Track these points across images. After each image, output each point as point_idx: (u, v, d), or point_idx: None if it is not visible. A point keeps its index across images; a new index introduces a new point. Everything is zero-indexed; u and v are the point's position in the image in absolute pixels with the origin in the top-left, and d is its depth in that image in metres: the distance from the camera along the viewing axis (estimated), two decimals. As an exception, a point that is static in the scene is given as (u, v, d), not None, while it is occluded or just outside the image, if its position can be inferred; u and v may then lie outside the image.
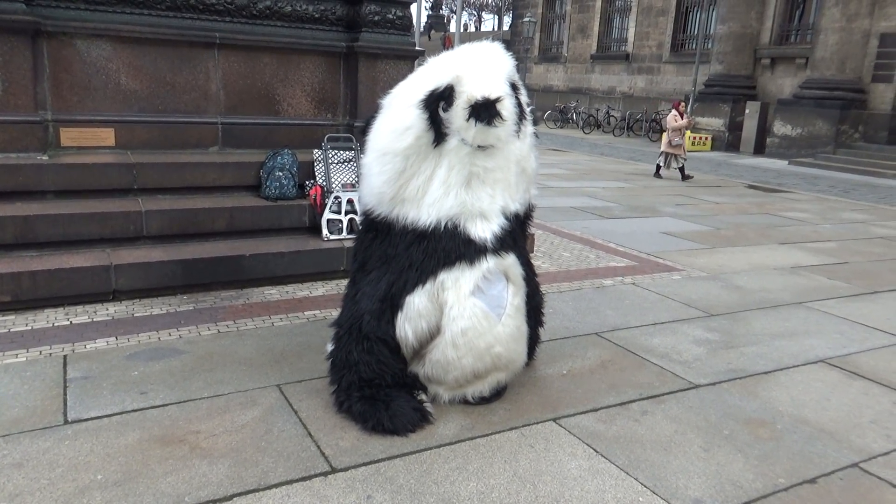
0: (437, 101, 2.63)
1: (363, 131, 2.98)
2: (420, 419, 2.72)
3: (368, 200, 2.85)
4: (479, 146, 2.67)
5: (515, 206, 2.88)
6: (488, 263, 2.74)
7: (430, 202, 2.70)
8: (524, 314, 2.91)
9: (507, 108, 2.62)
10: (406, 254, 2.73)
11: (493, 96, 2.56)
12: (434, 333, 2.73)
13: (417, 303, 2.70)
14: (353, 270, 2.97)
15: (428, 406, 2.80)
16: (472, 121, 2.57)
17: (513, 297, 2.81)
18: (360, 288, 2.83)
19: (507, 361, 2.84)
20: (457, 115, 2.61)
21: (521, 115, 2.76)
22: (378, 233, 2.83)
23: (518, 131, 2.77)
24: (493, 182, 2.76)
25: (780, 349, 3.82)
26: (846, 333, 4.16)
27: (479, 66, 2.69)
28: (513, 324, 2.80)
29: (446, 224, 2.71)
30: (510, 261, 2.82)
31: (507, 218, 2.82)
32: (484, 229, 2.75)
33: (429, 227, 2.70)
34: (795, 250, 6.50)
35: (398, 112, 2.74)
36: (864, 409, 3.14)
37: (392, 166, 2.71)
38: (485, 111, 2.55)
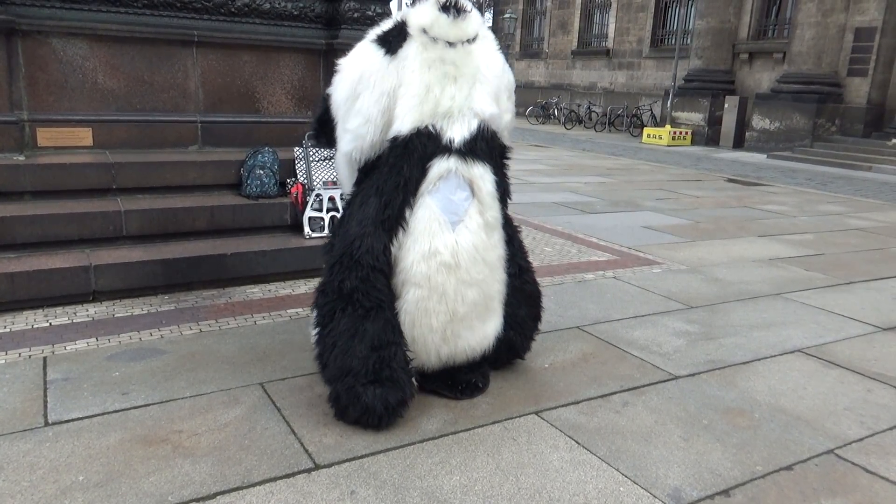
0: (389, 33, 2.76)
1: (319, 124, 3.01)
2: (388, 418, 2.64)
3: (361, 155, 2.78)
4: (450, 42, 2.71)
5: (496, 118, 2.82)
6: (448, 163, 2.69)
7: (407, 109, 2.67)
8: (497, 244, 2.83)
9: (468, 6, 2.77)
10: (395, 169, 2.66)
11: None
12: None
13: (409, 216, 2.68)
14: (344, 209, 2.90)
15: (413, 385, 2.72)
16: (443, 14, 2.69)
17: (478, 215, 2.72)
18: (351, 212, 2.76)
19: (457, 294, 2.67)
20: (424, 14, 2.72)
21: None
22: (373, 169, 2.76)
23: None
24: (467, 79, 2.74)
25: (758, 340, 3.88)
26: (822, 323, 4.23)
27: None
28: (471, 240, 2.69)
29: (426, 127, 2.66)
30: (478, 171, 2.74)
31: (484, 130, 2.77)
32: (454, 130, 2.71)
33: (410, 132, 2.65)
34: (773, 242, 6.59)
35: (361, 65, 2.78)
36: (840, 397, 3.21)
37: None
38: (453, 4, 2.71)
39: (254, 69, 5.09)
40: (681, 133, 18.48)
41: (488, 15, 30.34)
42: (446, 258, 2.64)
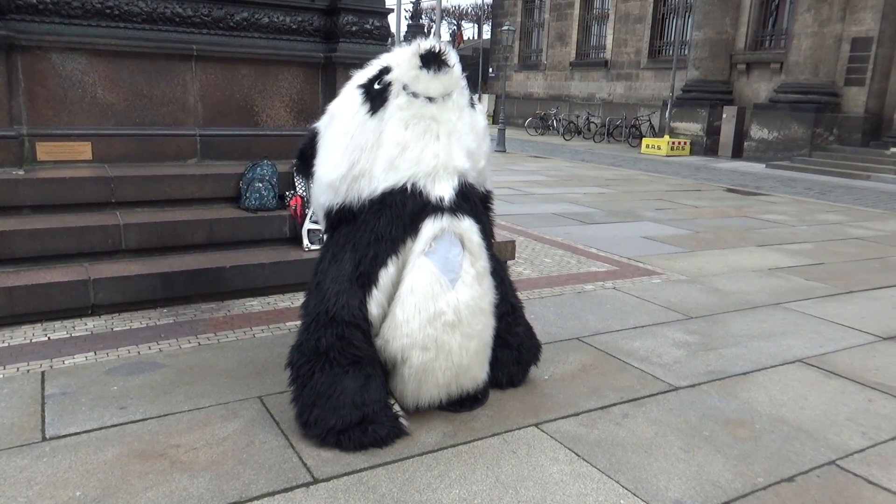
0: (373, 81, 2.77)
1: (303, 158, 3.02)
2: (370, 443, 2.62)
3: (327, 200, 2.79)
4: (430, 97, 2.72)
5: (472, 170, 2.84)
6: (441, 222, 2.68)
7: (385, 167, 2.67)
8: (489, 290, 2.83)
9: (452, 58, 2.77)
10: (371, 226, 2.66)
11: (437, 48, 2.74)
12: None
13: (392, 275, 2.66)
14: (315, 265, 2.89)
15: (402, 419, 2.73)
16: (423, 70, 2.70)
17: (470, 266, 2.73)
18: (324, 268, 2.74)
19: (462, 349, 2.67)
20: (405, 69, 2.72)
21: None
22: (343, 223, 2.77)
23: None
24: (447, 135, 2.75)
25: (758, 350, 3.87)
26: (823, 333, 4.22)
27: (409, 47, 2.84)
28: (469, 293, 2.70)
29: (405, 186, 2.66)
30: (466, 225, 2.76)
31: (464, 185, 2.78)
32: (440, 188, 2.71)
33: (388, 191, 2.65)
34: (773, 252, 6.59)
35: (342, 114, 2.80)
36: (841, 408, 3.19)
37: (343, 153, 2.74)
38: (434, 58, 2.71)
39: (253, 83, 5.11)
40: (679, 143, 18.53)
41: (487, 27, 30.50)
42: (450, 317, 2.64)
